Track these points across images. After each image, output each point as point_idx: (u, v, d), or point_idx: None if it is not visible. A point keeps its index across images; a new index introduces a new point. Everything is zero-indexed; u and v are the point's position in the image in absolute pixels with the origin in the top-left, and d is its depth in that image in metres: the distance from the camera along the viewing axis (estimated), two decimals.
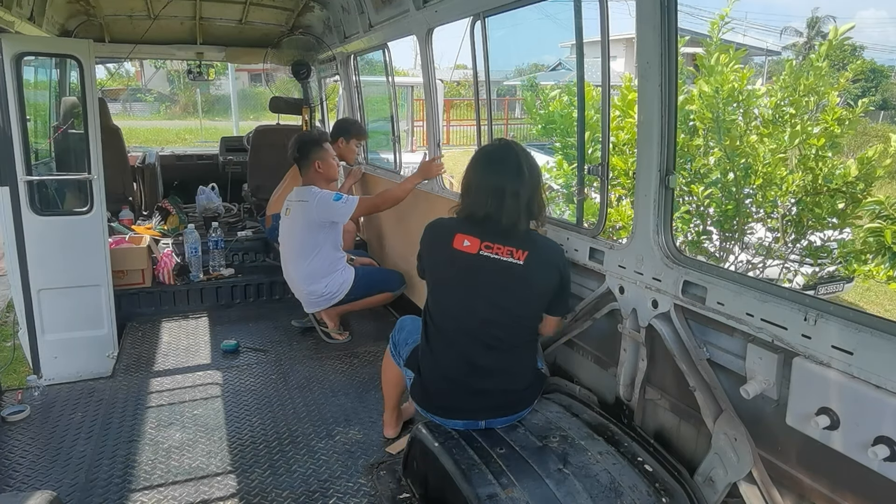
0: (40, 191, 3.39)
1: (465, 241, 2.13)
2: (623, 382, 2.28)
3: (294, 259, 3.72)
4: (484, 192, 2.13)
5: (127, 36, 5.19)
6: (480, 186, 2.15)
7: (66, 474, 2.54)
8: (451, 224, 2.21)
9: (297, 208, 3.65)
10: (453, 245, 2.14)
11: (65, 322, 3.44)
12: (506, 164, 2.15)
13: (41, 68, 4.86)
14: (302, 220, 3.61)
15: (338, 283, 3.70)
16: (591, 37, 2.46)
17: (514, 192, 2.10)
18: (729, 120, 4.31)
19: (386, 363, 2.67)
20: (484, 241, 2.12)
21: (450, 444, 2.07)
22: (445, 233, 2.19)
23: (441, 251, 2.19)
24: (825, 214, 4.32)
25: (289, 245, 3.77)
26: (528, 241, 2.14)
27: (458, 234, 2.15)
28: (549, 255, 2.17)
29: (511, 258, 2.10)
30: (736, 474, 1.82)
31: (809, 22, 27.05)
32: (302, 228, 3.62)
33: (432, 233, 2.29)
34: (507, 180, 2.11)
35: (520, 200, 2.10)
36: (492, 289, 2.13)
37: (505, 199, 2.09)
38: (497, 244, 2.11)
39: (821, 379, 1.53)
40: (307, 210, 3.57)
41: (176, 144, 17.17)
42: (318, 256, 3.64)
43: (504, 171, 2.13)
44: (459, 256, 2.13)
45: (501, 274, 2.11)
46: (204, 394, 3.24)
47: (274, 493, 2.43)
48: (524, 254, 2.10)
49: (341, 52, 5.12)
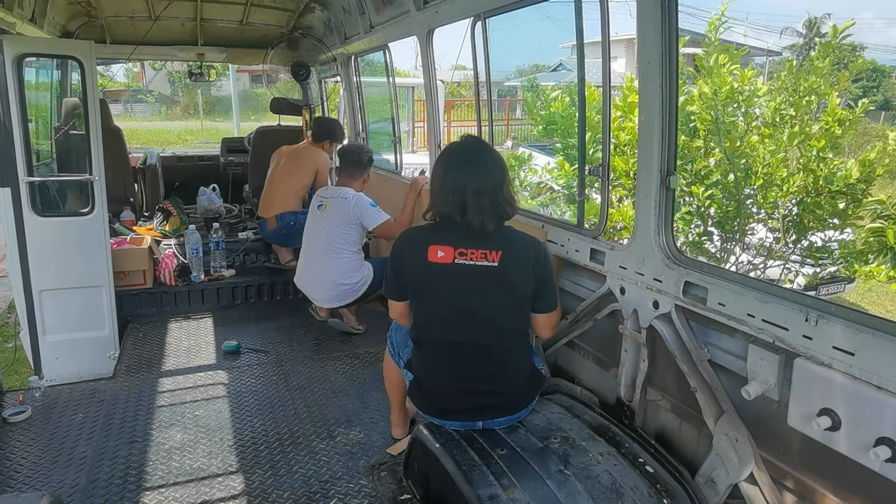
0: (42, 192, 3.39)
1: (439, 251, 2.11)
2: (624, 383, 2.28)
3: (324, 253, 3.79)
4: (447, 192, 2.11)
5: (128, 37, 5.20)
6: (443, 187, 2.13)
7: (68, 475, 2.54)
8: (422, 236, 2.19)
9: (334, 204, 3.77)
10: (428, 259, 2.12)
11: (66, 323, 3.44)
12: (467, 162, 2.13)
13: (42, 69, 4.87)
14: (340, 216, 3.74)
15: (362, 275, 3.85)
16: (591, 37, 2.46)
17: (477, 189, 2.07)
18: (728, 121, 4.30)
19: (386, 364, 2.67)
20: (457, 247, 2.10)
21: (451, 445, 2.07)
22: (418, 246, 2.16)
23: (416, 265, 2.17)
24: (826, 215, 4.31)
25: (320, 239, 3.83)
26: (501, 240, 2.11)
27: (431, 245, 2.12)
28: (522, 252, 2.13)
29: (485, 261, 2.08)
30: (737, 475, 1.82)
31: (809, 22, 27.05)
32: (339, 224, 3.75)
33: (403, 246, 2.25)
34: (467, 178, 2.09)
35: (482, 198, 2.07)
36: (471, 296, 2.11)
37: (468, 198, 2.07)
38: (470, 248, 2.09)
39: (822, 380, 1.52)
40: (346, 207, 3.72)
41: (177, 145, 17.20)
42: (349, 252, 3.79)
43: (465, 169, 2.11)
44: (435, 269, 2.11)
45: (478, 279, 2.09)
46: (205, 395, 3.25)
47: (275, 493, 2.43)
48: (498, 254, 2.08)
49: (342, 53, 5.12)
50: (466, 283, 2.10)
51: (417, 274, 2.19)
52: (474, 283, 2.10)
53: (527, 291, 2.15)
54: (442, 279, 2.12)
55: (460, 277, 2.10)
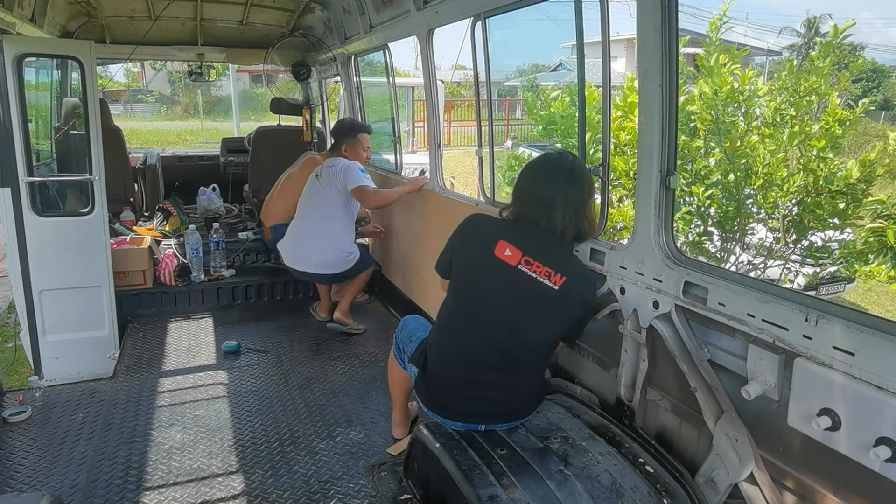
0: (42, 192, 3.39)
1: (507, 250, 2.09)
2: (624, 383, 2.28)
3: (320, 219, 3.94)
4: (537, 195, 2.12)
5: (128, 37, 5.20)
6: (533, 189, 2.15)
7: (68, 475, 2.54)
8: (495, 226, 2.19)
9: (328, 172, 3.97)
10: (494, 251, 2.10)
11: (66, 323, 3.44)
12: (557, 173, 2.15)
13: (42, 69, 4.86)
14: (333, 184, 3.92)
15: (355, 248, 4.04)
16: (591, 37, 2.46)
17: (567, 197, 2.09)
18: (729, 121, 4.30)
19: (391, 364, 2.68)
20: (525, 255, 2.08)
21: (451, 445, 2.07)
22: (488, 234, 2.15)
23: (479, 251, 2.15)
24: (826, 215, 4.31)
25: (317, 204, 3.98)
26: (567, 267, 2.10)
27: (501, 240, 2.11)
28: (583, 287, 2.13)
29: (548, 280, 2.06)
30: (737, 475, 1.82)
31: (808, 22, 27.04)
32: (333, 192, 3.92)
33: (473, 229, 2.24)
34: (556, 188, 2.11)
35: (569, 207, 2.09)
36: (521, 306, 2.09)
37: (557, 202, 2.08)
38: (537, 262, 2.07)
39: (822, 380, 1.52)
40: (337, 175, 3.91)
41: (177, 145, 17.20)
42: (344, 220, 3.98)
43: (555, 180, 2.13)
44: (498, 264, 2.09)
45: (534, 294, 2.07)
46: (205, 394, 3.25)
47: (275, 493, 2.43)
48: (562, 279, 2.07)
49: (342, 53, 5.12)
50: (520, 293, 2.08)
51: (478, 261, 2.16)
52: (528, 296, 2.07)
53: (572, 323, 2.17)
54: (498, 278, 2.10)
55: (517, 284, 2.07)
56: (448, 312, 2.23)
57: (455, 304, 2.22)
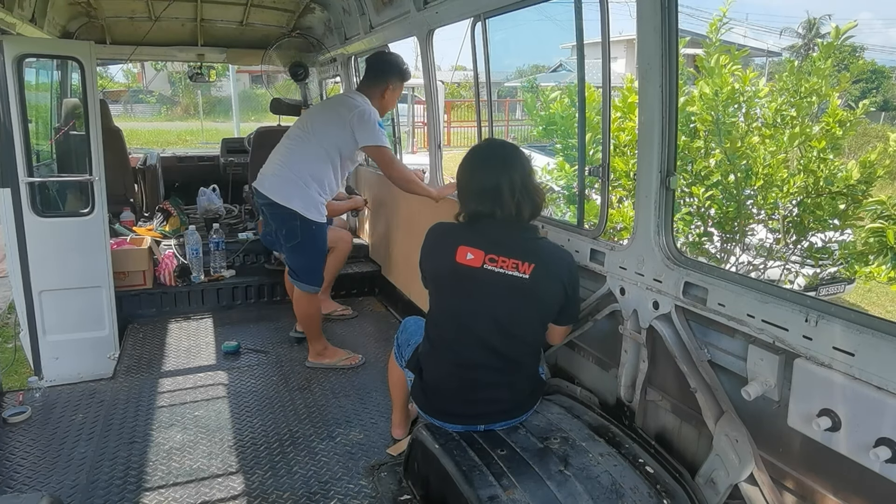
0: (42, 192, 3.39)
1: (469, 253, 2.09)
2: (624, 384, 2.28)
3: (299, 145, 3.26)
4: (479, 188, 2.13)
5: (128, 38, 5.20)
6: (474, 183, 2.16)
7: (67, 476, 2.54)
8: (453, 233, 2.18)
9: (335, 100, 3.44)
10: (456, 258, 2.10)
11: (66, 323, 3.43)
12: (493, 159, 2.17)
13: (42, 70, 4.87)
14: (333, 113, 3.23)
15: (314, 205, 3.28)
16: (591, 38, 2.46)
17: (510, 179, 2.10)
18: (729, 122, 4.30)
19: (391, 364, 2.68)
20: (488, 253, 2.08)
21: (451, 446, 2.07)
22: (447, 243, 2.16)
23: (443, 262, 2.16)
24: (826, 216, 4.31)
25: (303, 131, 3.30)
26: (533, 252, 2.09)
27: (461, 245, 2.11)
28: (555, 267, 2.12)
29: (516, 272, 2.06)
30: (737, 476, 1.82)
31: (808, 23, 27.06)
32: (328, 122, 3.23)
33: (433, 241, 2.26)
34: (497, 172, 2.11)
35: (514, 189, 2.09)
36: (496, 304, 2.09)
37: (502, 189, 2.09)
38: (501, 256, 2.07)
39: (822, 380, 1.52)
40: (346, 109, 3.17)
41: (177, 146, 17.24)
42: (329, 166, 3.24)
43: (493, 165, 2.14)
44: (462, 270, 2.10)
45: (506, 289, 2.06)
46: (205, 395, 3.25)
47: (275, 494, 2.43)
48: (530, 267, 2.06)
49: (342, 54, 5.12)
50: (492, 291, 2.08)
51: (443, 273, 2.18)
52: (501, 292, 2.07)
53: (554, 307, 2.15)
54: (468, 283, 2.10)
55: (487, 284, 2.07)
56: (435, 324, 2.25)
57: (439, 316, 2.24)
